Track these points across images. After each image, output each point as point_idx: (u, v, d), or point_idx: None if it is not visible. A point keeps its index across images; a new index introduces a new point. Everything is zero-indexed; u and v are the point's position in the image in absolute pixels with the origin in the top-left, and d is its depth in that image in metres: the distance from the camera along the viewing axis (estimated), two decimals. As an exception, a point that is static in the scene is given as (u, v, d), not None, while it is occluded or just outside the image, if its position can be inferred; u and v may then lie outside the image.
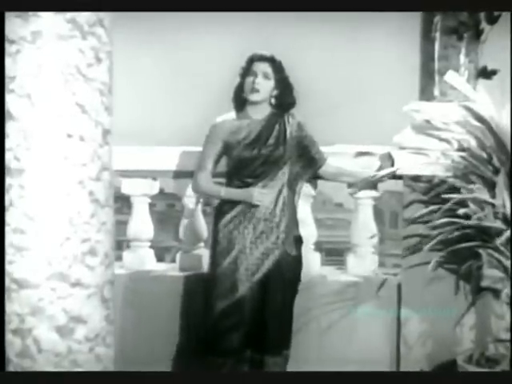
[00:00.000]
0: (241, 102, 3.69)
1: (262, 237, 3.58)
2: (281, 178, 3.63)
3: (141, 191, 4.34)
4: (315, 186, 4.01)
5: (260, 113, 3.67)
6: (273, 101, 3.66)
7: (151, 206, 4.48)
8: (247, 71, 3.64)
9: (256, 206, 3.58)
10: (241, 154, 3.61)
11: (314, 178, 3.89)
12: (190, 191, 4.24)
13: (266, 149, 3.62)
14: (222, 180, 3.72)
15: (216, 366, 3.53)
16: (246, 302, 3.54)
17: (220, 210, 3.66)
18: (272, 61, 3.65)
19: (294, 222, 3.68)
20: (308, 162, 3.75)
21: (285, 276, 3.61)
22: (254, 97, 3.63)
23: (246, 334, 3.55)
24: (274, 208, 3.60)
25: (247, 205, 3.58)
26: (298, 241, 3.69)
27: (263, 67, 3.63)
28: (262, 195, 3.58)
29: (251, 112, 3.67)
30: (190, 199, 4.29)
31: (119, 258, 4.22)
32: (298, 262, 3.68)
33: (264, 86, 3.62)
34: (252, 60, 3.65)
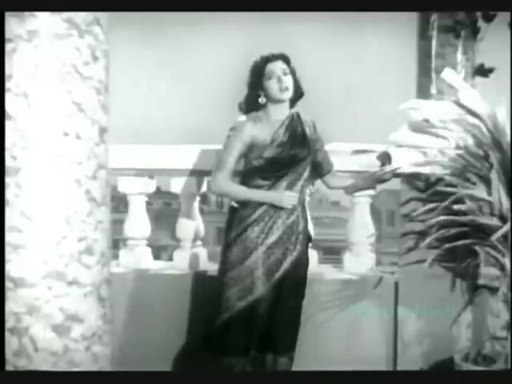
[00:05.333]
0: (255, 105, 3.62)
1: (284, 237, 3.57)
2: (302, 178, 3.63)
3: (137, 190, 4.34)
4: (313, 185, 4.01)
5: (280, 113, 3.62)
6: (292, 95, 3.63)
7: (148, 204, 4.48)
8: (262, 74, 3.58)
9: (282, 208, 3.56)
10: (270, 155, 3.55)
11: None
12: (186, 189, 4.24)
13: (295, 150, 3.59)
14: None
15: (221, 365, 3.51)
16: (261, 301, 3.52)
17: (240, 210, 3.58)
18: (284, 57, 3.62)
19: (306, 222, 3.69)
20: (314, 166, 3.73)
21: (299, 276, 3.63)
22: (285, 95, 3.58)
23: (257, 334, 3.54)
24: (296, 208, 3.60)
25: (272, 205, 3.55)
26: (309, 240, 3.71)
27: (280, 65, 3.58)
28: (292, 198, 3.56)
29: (272, 112, 3.61)
30: (186, 197, 4.29)
31: (116, 257, 4.22)
32: (307, 261, 3.70)
33: (290, 83, 3.58)
34: (266, 61, 3.59)
